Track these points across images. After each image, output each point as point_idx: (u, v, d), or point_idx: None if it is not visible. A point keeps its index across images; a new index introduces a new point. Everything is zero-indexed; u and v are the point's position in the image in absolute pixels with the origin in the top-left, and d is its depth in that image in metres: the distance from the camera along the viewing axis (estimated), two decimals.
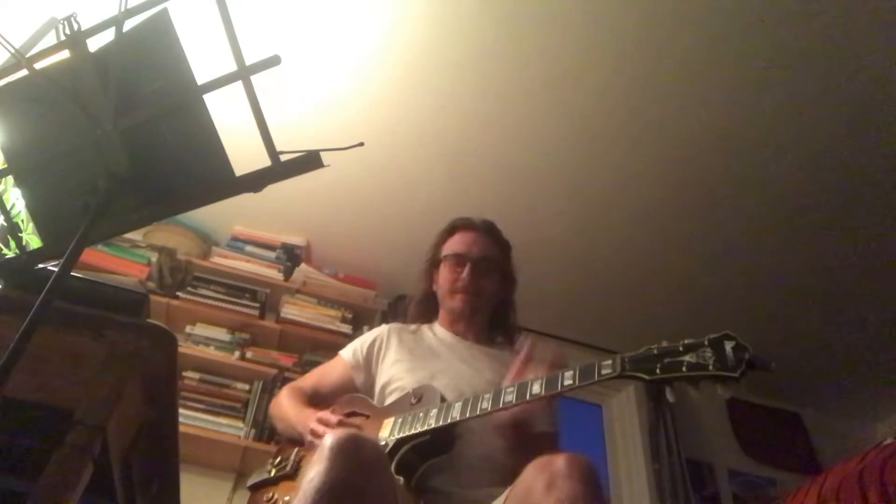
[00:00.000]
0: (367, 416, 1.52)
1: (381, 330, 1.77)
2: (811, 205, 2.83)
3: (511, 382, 1.33)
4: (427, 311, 1.81)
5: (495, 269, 1.75)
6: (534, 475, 1.06)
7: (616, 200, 2.91)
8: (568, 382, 1.23)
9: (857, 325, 3.34)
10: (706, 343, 1.11)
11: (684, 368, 1.11)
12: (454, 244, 1.77)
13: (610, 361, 1.20)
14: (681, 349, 1.13)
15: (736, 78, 2.40)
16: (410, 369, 1.56)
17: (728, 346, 1.08)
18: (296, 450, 1.53)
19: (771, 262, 3.10)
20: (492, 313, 1.76)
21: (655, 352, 1.16)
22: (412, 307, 1.91)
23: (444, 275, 1.75)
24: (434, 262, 1.80)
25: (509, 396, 1.28)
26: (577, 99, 2.53)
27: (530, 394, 1.26)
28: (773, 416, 3.76)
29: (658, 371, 1.13)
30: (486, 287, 1.71)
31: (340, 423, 1.45)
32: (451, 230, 1.82)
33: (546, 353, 1.41)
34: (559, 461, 1.04)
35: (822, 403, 3.81)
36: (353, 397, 1.63)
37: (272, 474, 1.52)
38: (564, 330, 3.27)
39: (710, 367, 1.08)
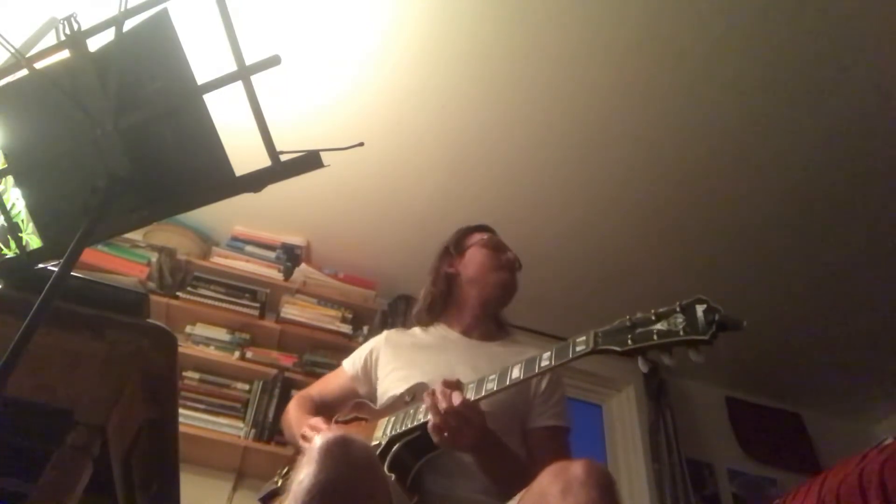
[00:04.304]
0: (367, 420, 1.52)
1: (378, 339, 1.77)
2: (811, 205, 2.82)
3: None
4: (441, 298, 1.74)
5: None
6: (549, 480, 1.04)
7: (617, 199, 2.90)
8: (545, 363, 1.23)
9: (857, 325, 3.34)
10: (678, 309, 1.10)
11: (655, 337, 1.09)
12: (488, 237, 1.80)
13: (584, 338, 1.20)
14: (653, 318, 1.12)
15: (737, 77, 2.40)
16: (406, 376, 1.55)
17: (699, 309, 1.06)
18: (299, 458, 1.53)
19: (771, 261, 3.10)
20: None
21: (628, 323, 1.15)
22: (425, 295, 1.79)
23: (480, 257, 1.74)
24: (458, 246, 1.78)
25: (491, 384, 1.28)
26: (578, 99, 2.53)
27: (510, 379, 1.26)
28: (774, 416, 3.76)
29: (630, 342, 1.12)
30: (518, 277, 1.76)
31: (330, 429, 1.45)
32: (477, 228, 1.85)
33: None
34: (576, 467, 1.01)
35: (822, 403, 3.80)
36: (355, 403, 1.64)
37: (279, 484, 1.53)
38: (564, 329, 3.26)
39: (681, 333, 1.06)
